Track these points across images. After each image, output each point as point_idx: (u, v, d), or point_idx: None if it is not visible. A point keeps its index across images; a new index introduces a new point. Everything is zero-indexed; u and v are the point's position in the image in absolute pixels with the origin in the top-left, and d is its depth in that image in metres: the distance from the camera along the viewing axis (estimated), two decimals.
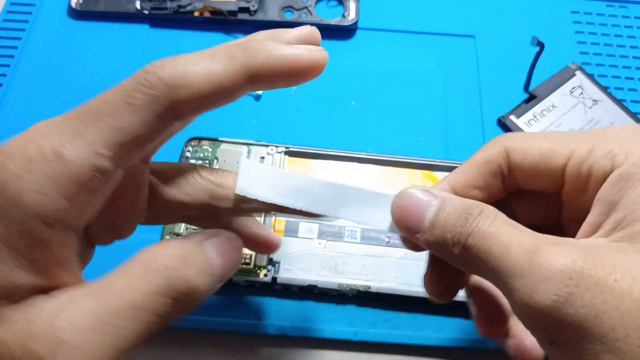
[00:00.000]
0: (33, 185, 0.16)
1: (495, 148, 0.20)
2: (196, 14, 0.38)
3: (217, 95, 0.19)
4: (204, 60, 0.18)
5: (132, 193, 0.19)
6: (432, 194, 0.18)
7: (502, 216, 0.17)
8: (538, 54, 0.34)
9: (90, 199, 0.16)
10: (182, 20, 0.38)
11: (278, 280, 0.28)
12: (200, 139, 0.32)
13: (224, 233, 0.19)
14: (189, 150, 0.32)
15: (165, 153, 0.33)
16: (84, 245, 0.18)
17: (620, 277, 0.15)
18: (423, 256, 0.29)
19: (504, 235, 0.17)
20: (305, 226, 0.30)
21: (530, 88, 0.36)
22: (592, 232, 0.17)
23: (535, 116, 0.35)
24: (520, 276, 0.16)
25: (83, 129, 0.18)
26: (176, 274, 0.16)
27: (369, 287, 0.28)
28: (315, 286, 0.28)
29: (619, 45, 0.38)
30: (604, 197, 0.17)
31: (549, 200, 0.20)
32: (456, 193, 0.20)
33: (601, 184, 0.17)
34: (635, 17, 0.40)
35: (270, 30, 0.20)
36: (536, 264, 0.15)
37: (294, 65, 0.20)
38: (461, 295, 0.28)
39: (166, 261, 0.16)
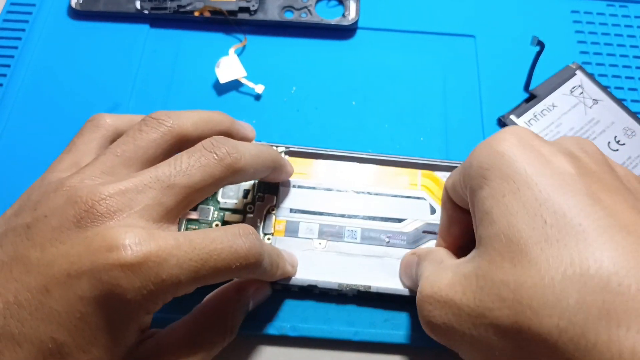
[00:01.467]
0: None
1: (444, 195, 0.26)
2: (196, 14, 0.38)
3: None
4: None
5: None
6: (414, 254, 0.27)
7: (433, 256, 0.24)
8: (538, 54, 0.34)
9: None
10: (182, 20, 0.38)
11: (278, 281, 0.28)
12: None
13: (265, 290, 0.27)
14: None
15: None
16: None
17: (460, 289, 0.20)
18: None
19: (422, 274, 0.23)
20: (305, 226, 0.30)
21: (531, 88, 0.36)
22: None
23: (535, 116, 0.35)
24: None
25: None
26: (232, 337, 0.24)
27: (369, 287, 0.28)
28: (315, 286, 0.28)
29: (619, 45, 0.38)
30: (473, 217, 0.22)
31: None
32: (447, 237, 0.27)
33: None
34: (636, 17, 0.40)
35: None
36: (418, 299, 0.22)
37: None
38: None
39: (232, 326, 0.24)
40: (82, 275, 0.18)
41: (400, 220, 0.30)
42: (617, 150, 0.34)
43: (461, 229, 0.26)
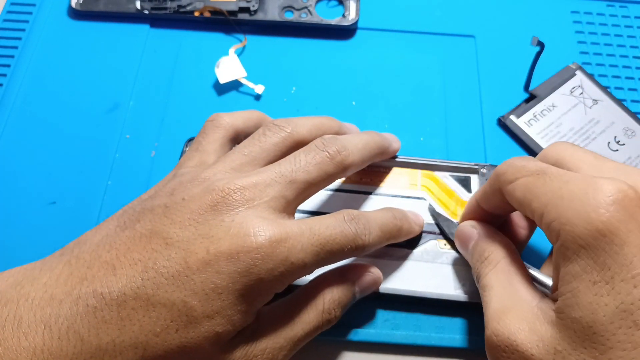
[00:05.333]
0: None
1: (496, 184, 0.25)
2: (196, 14, 0.38)
3: None
4: None
5: None
6: (473, 228, 0.27)
7: (500, 266, 0.24)
8: (538, 54, 0.34)
9: None
10: (182, 20, 0.38)
11: None
12: None
13: (372, 273, 0.26)
14: None
15: (166, 153, 0.33)
16: None
17: (536, 352, 0.20)
18: (422, 256, 0.29)
19: (489, 292, 0.23)
20: None
21: (531, 88, 0.36)
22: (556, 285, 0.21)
23: (535, 116, 0.35)
24: (485, 328, 0.23)
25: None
26: (330, 317, 0.24)
27: None
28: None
29: (619, 45, 0.38)
30: (554, 261, 0.21)
31: None
32: (479, 205, 0.27)
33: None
34: (636, 17, 0.40)
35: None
36: (488, 329, 0.22)
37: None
38: (460, 295, 0.28)
39: (327, 307, 0.24)
40: (221, 254, 0.20)
41: None
42: (617, 150, 0.34)
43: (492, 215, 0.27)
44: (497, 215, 0.27)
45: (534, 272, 0.24)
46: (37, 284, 0.20)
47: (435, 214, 0.30)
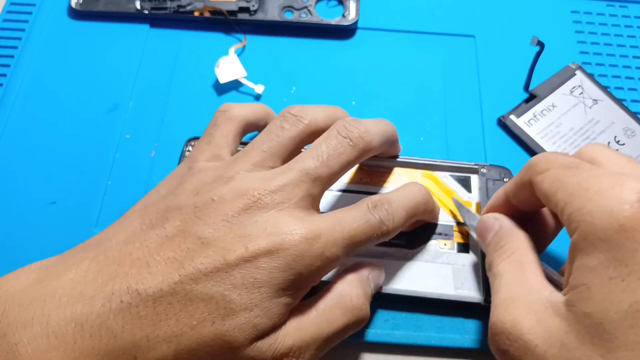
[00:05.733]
0: None
1: (527, 176, 0.25)
2: (196, 14, 0.38)
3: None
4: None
5: None
6: (496, 220, 0.26)
7: (514, 257, 0.24)
8: (538, 54, 0.34)
9: None
10: (182, 20, 0.38)
11: None
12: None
13: (380, 269, 0.26)
14: (189, 150, 0.32)
15: (166, 153, 0.33)
16: None
17: (541, 343, 0.20)
18: (422, 256, 0.29)
19: (500, 280, 0.23)
20: None
21: (530, 88, 0.36)
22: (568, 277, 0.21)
23: (535, 116, 0.35)
24: (491, 315, 0.23)
25: None
26: (362, 314, 0.24)
27: None
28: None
29: (619, 45, 0.38)
30: (569, 255, 0.21)
31: None
32: (506, 198, 0.27)
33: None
34: (635, 17, 0.40)
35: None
36: (494, 315, 0.22)
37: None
38: (461, 295, 0.28)
39: (355, 303, 0.24)
40: (260, 250, 0.21)
41: None
42: (617, 150, 0.34)
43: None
44: (522, 211, 0.26)
45: (549, 271, 0.24)
46: (63, 280, 0.20)
47: (458, 205, 0.30)
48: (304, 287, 0.22)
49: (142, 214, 0.23)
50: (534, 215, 0.27)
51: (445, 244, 0.29)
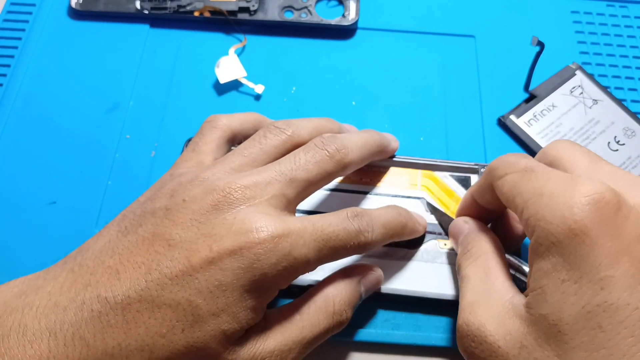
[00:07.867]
0: None
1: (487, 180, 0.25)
2: (196, 14, 0.38)
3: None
4: None
5: None
6: (465, 223, 0.27)
7: (480, 260, 0.24)
8: (538, 54, 0.34)
9: None
10: (182, 20, 0.38)
11: None
12: None
13: (375, 272, 0.26)
14: None
15: (166, 153, 0.33)
16: None
17: (503, 344, 0.20)
18: (422, 256, 0.29)
19: (466, 284, 0.24)
20: None
21: (530, 88, 0.36)
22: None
23: (535, 116, 0.35)
24: (458, 318, 0.23)
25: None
26: (342, 318, 0.24)
27: None
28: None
29: (619, 45, 0.38)
30: (529, 258, 0.21)
31: None
32: (474, 199, 0.27)
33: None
34: (635, 17, 0.40)
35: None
36: (460, 318, 0.23)
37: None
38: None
39: (337, 309, 0.24)
40: (224, 251, 0.20)
41: None
42: (617, 150, 0.34)
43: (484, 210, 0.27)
44: (491, 211, 0.27)
45: (526, 267, 0.24)
46: (42, 293, 0.20)
47: (432, 210, 0.30)
48: (271, 290, 0.22)
49: (120, 222, 0.23)
50: (503, 214, 0.28)
51: (445, 244, 0.29)
